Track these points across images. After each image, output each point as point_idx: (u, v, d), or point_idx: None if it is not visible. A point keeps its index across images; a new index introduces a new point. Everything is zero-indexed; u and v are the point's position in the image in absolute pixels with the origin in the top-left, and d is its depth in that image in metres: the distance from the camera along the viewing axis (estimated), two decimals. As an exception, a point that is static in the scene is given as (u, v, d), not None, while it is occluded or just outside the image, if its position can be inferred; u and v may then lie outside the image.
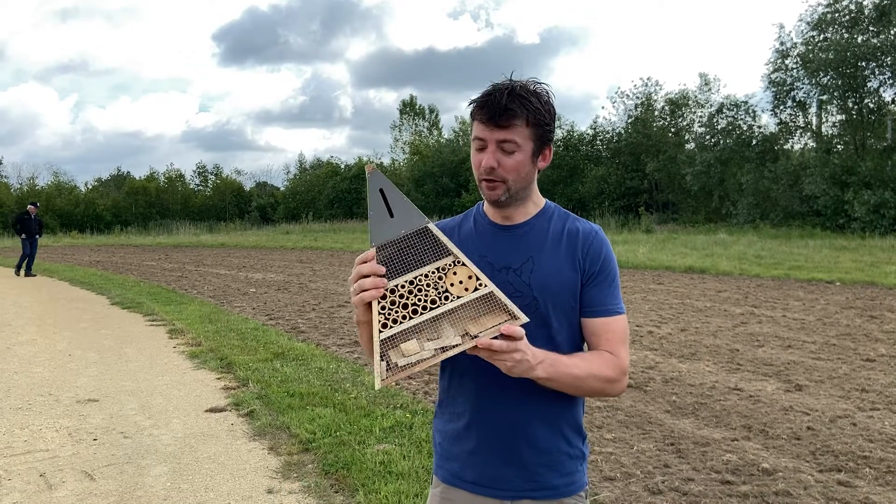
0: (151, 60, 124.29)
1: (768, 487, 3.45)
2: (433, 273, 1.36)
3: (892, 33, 24.39)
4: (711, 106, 32.71)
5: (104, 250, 28.01)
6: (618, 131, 36.70)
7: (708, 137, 30.64)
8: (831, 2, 25.91)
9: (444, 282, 1.35)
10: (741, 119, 29.71)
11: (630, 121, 35.90)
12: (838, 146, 27.12)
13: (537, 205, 1.55)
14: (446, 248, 1.39)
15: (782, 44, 27.79)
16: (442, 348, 1.27)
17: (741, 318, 8.32)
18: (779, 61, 27.84)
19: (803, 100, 27.82)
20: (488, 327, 1.29)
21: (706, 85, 34.80)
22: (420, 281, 1.35)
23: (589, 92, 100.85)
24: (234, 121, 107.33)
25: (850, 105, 26.18)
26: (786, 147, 29.19)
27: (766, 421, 4.50)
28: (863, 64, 24.84)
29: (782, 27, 39.02)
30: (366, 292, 1.32)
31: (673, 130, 35.22)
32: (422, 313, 1.32)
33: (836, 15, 25.89)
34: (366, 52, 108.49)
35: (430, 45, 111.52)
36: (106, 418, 4.82)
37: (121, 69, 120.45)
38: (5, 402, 5.27)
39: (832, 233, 22.70)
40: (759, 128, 29.64)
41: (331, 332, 8.04)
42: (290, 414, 4.73)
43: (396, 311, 1.32)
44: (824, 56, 24.95)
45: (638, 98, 36.03)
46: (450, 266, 1.37)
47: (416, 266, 1.37)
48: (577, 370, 1.41)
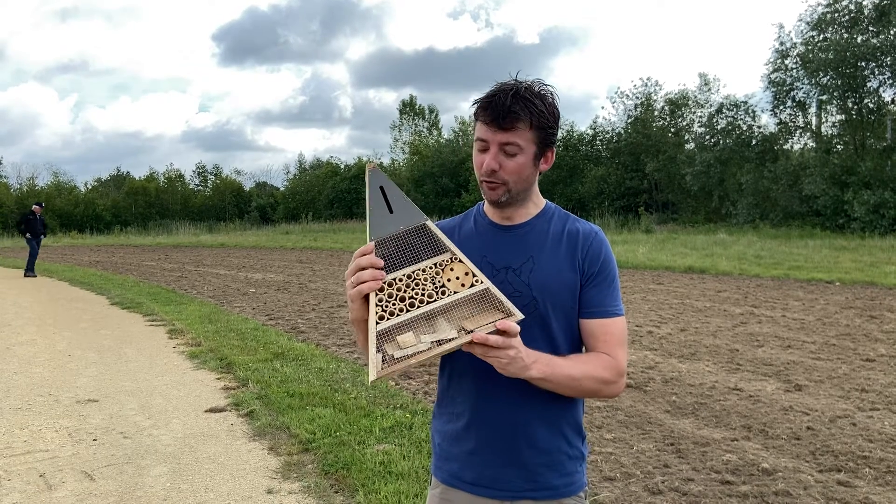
0: (151, 60, 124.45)
1: (768, 487, 3.45)
2: (431, 268, 1.37)
3: (892, 33, 24.38)
4: (711, 106, 32.73)
5: (104, 250, 28.01)
6: (617, 131, 36.71)
7: (708, 137, 30.64)
8: (831, 2, 25.91)
9: (441, 277, 1.37)
10: (741, 119, 29.73)
11: (630, 121, 35.90)
12: (838, 146, 27.12)
13: (537, 205, 1.55)
14: (444, 245, 1.40)
15: (782, 44, 27.82)
16: (438, 341, 1.27)
17: (741, 318, 8.32)
18: (778, 61, 27.85)
19: (803, 100, 27.84)
20: (484, 324, 1.30)
21: (706, 85, 34.82)
22: (418, 275, 1.36)
23: (589, 92, 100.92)
24: (233, 121, 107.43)
25: (850, 105, 26.18)
26: (785, 147, 29.20)
27: (765, 421, 4.50)
28: (862, 64, 24.83)
29: (782, 27, 39.10)
30: (364, 284, 1.33)
31: (673, 130, 35.22)
32: (419, 307, 1.33)
33: (836, 15, 25.89)
34: (366, 52, 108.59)
35: (429, 45, 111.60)
36: (106, 418, 4.82)
37: (121, 69, 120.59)
38: (5, 403, 5.27)
39: (832, 233, 22.70)
40: (759, 128, 29.66)
41: (331, 333, 8.04)
42: (289, 414, 4.73)
43: (393, 304, 1.33)
44: (824, 56, 24.95)
45: (638, 98, 36.05)
46: (447, 262, 1.38)
47: (413, 261, 1.38)
48: (572, 371, 1.40)
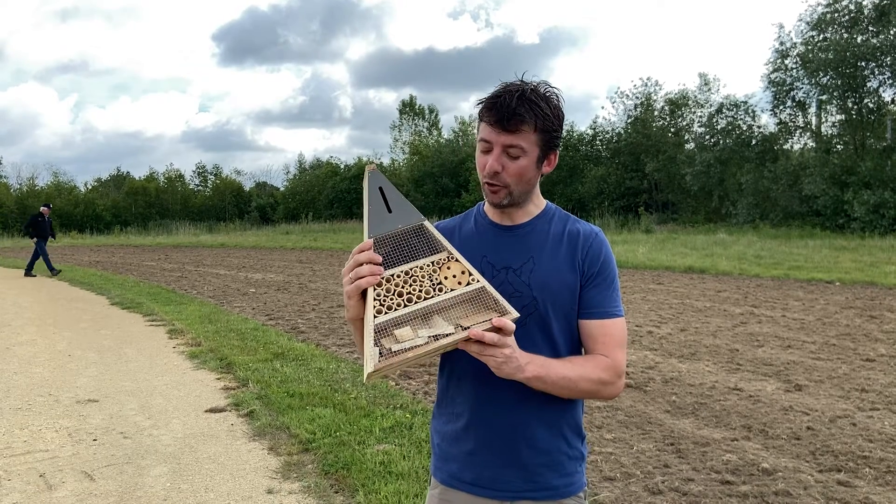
0: (151, 60, 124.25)
1: (768, 487, 3.45)
2: (428, 266, 1.39)
3: (892, 33, 24.38)
4: (711, 106, 32.72)
5: (104, 250, 28.01)
6: (617, 131, 36.70)
7: (707, 137, 30.64)
8: (831, 2, 25.91)
9: (438, 275, 1.38)
10: (741, 119, 29.72)
11: (630, 121, 35.90)
12: (838, 146, 27.12)
13: (538, 206, 1.55)
14: (441, 245, 1.42)
15: (782, 44, 27.81)
16: (435, 336, 1.28)
17: (741, 318, 8.32)
18: (778, 61, 27.84)
19: (803, 100, 27.83)
20: (479, 321, 1.31)
21: (706, 85, 34.80)
22: (415, 272, 1.38)
23: (589, 92, 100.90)
24: (233, 121, 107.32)
25: (850, 105, 26.17)
26: (785, 147, 29.19)
27: (765, 421, 4.50)
28: (862, 64, 24.83)
29: (782, 27, 39.06)
30: (362, 279, 1.33)
31: (672, 130, 35.21)
32: (416, 302, 1.34)
33: (836, 15, 25.89)
34: (365, 52, 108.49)
35: (429, 45, 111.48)
36: (106, 418, 4.82)
37: (121, 69, 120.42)
38: (5, 403, 5.27)
39: (832, 233, 22.70)
40: (759, 128, 29.65)
41: (331, 333, 8.04)
42: (289, 414, 4.73)
43: (391, 299, 1.34)
44: (824, 56, 24.94)
45: (637, 98, 36.04)
46: (444, 261, 1.40)
47: (411, 259, 1.41)
48: (568, 372, 1.40)
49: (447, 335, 1.28)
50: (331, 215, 44.44)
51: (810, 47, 26.08)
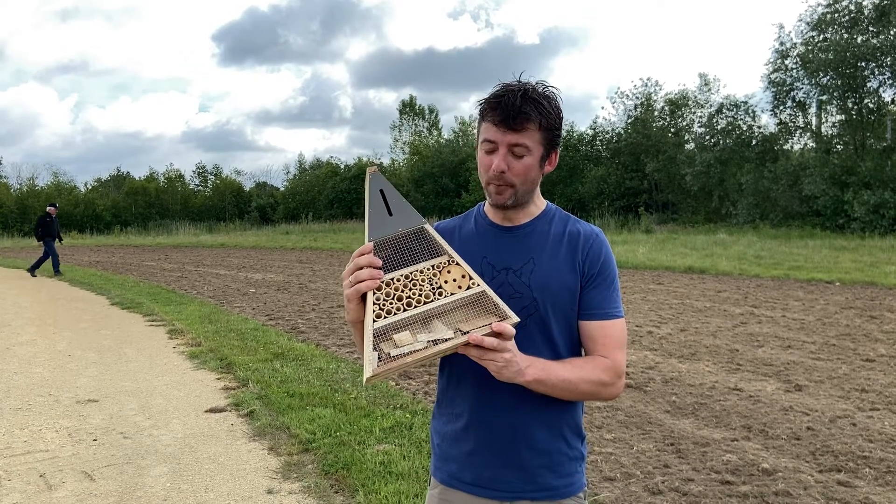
0: (151, 60, 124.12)
1: (768, 487, 3.46)
2: (428, 269, 1.39)
3: (892, 33, 24.38)
4: (711, 106, 32.70)
5: (104, 250, 28.01)
6: (617, 131, 36.69)
7: (708, 138, 30.63)
8: (831, 2, 25.90)
9: (438, 279, 1.38)
10: (741, 119, 29.71)
11: (630, 121, 35.89)
12: (838, 146, 27.12)
13: (539, 207, 1.55)
14: (441, 248, 1.42)
15: (782, 44, 27.80)
16: (434, 341, 1.28)
17: (741, 319, 8.32)
18: (778, 61, 27.84)
19: (803, 100, 27.82)
20: (479, 326, 1.31)
21: (706, 85, 34.78)
22: (415, 276, 1.38)
23: (589, 92, 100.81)
24: (233, 121, 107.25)
25: (850, 105, 26.17)
26: (785, 147, 29.18)
27: (765, 421, 4.50)
28: (862, 64, 24.83)
29: (782, 27, 39.10)
30: (362, 283, 1.33)
31: (673, 131, 35.20)
32: (416, 306, 1.34)
33: (836, 15, 25.89)
34: (366, 53, 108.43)
35: (429, 45, 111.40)
36: (106, 419, 4.83)
37: (121, 69, 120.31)
38: (5, 403, 5.27)
39: (832, 233, 22.70)
40: (759, 128, 29.65)
41: (331, 333, 8.04)
42: (289, 414, 4.73)
43: (391, 303, 1.34)
44: (824, 56, 24.94)
45: (637, 98, 36.02)
46: (444, 264, 1.40)
47: (411, 263, 1.40)
48: (568, 374, 1.40)
49: (446, 340, 1.28)
50: (331, 215, 44.44)
51: (810, 47, 26.08)
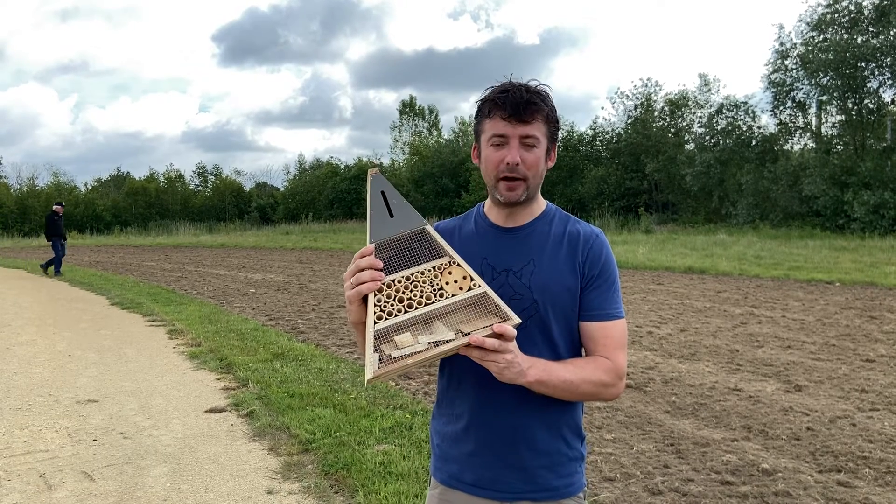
0: (151, 61, 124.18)
1: (768, 488, 3.46)
2: (429, 271, 1.39)
3: (892, 34, 24.38)
4: (711, 106, 32.70)
5: (104, 250, 28.01)
6: (617, 132, 36.69)
7: (707, 138, 30.64)
8: (831, 2, 25.91)
9: (439, 280, 1.38)
10: (741, 119, 29.71)
11: (630, 121, 35.89)
12: (838, 147, 27.11)
13: (540, 206, 1.55)
14: (443, 250, 1.42)
15: (782, 44, 27.79)
16: (436, 342, 1.28)
17: (741, 319, 8.32)
18: (778, 62, 27.83)
19: (803, 100, 27.82)
20: (480, 327, 1.31)
21: (706, 85, 34.78)
22: (416, 278, 1.38)
23: (589, 92, 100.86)
24: (233, 121, 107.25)
25: (850, 105, 26.16)
26: (785, 147, 29.18)
27: (765, 421, 4.50)
28: (862, 64, 24.83)
29: (782, 28, 39.08)
30: (363, 285, 1.34)
31: (673, 131, 35.20)
32: (416, 308, 1.34)
33: (836, 15, 25.88)
34: (366, 53, 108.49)
35: (429, 45, 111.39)
36: (106, 419, 4.83)
37: (121, 69, 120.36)
38: (5, 403, 5.27)
39: (832, 233, 22.69)
40: (759, 128, 29.64)
41: (331, 333, 8.04)
42: (289, 414, 4.73)
43: (392, 305, 1.34)
44: (824, 57, 24.93)
45: (637, 98, 36.03)
46: (445, 266, 1.40)
47: (412, 264, 1.40)
48: (569, 375, 1.40)
49: (448, 341, 1.28)
50: (331, 215, 44.43)
51: (810, 48, 26.07)
